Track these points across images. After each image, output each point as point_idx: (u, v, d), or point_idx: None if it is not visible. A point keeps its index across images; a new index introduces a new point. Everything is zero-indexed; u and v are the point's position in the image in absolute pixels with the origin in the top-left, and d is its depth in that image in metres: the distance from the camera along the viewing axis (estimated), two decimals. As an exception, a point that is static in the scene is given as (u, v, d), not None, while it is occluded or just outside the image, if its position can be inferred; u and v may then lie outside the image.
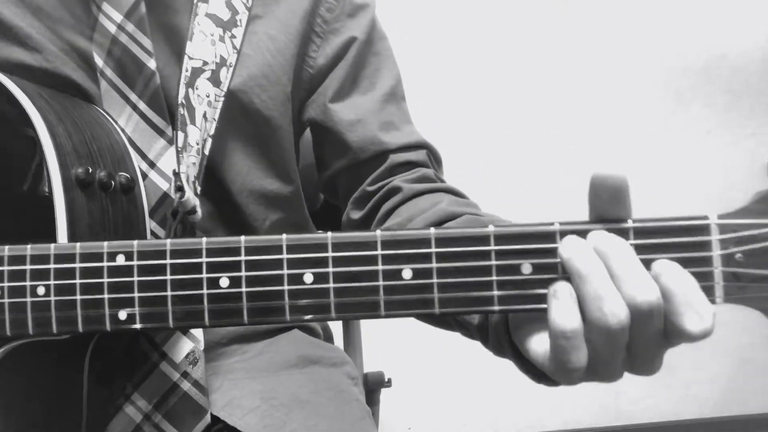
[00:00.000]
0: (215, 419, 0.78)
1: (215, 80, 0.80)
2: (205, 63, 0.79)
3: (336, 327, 1.12)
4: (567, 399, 2.32)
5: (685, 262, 0.50)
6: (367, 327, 1.25)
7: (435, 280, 0.52)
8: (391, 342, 1.95)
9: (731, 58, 2.40)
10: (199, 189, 0.77)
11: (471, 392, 2.30)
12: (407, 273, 0.52)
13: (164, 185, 0.75)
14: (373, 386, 1.21)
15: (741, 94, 2.41)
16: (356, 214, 0.89)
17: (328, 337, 1.04)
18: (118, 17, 0.76)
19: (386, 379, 1.22)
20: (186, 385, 0.75)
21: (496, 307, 0.52)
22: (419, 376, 2.22)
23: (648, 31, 2.35)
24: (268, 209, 0.89)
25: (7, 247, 0.59)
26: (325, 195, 1.01)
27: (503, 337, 0.59)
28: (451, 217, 0.76)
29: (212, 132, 0.79)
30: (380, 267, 0.53)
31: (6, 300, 0.58)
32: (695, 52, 2.38)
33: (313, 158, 0.97)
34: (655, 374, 0.52)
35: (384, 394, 1.23)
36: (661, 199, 1.64)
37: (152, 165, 0.75)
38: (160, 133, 0.76)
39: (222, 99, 0.80)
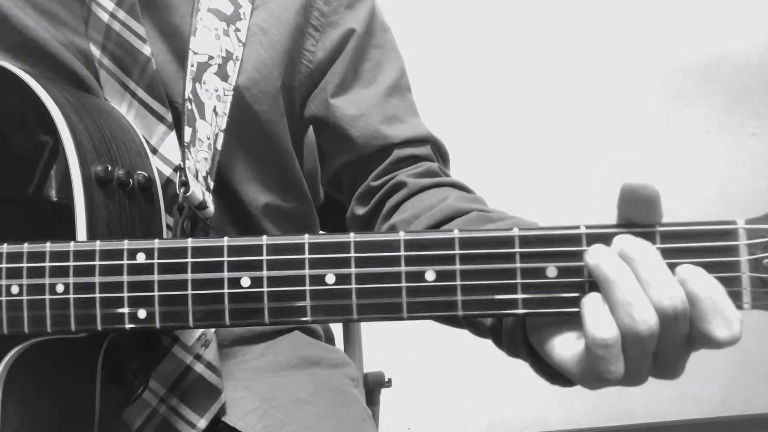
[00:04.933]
0: (215, 419, 0.77)
1: (223, 74, 0.79)
2: (211, 57, 0.79)
3: (336, 327, 1.12)
4: (567, 399, 2.32)
5: (712, 267, 0.49)
6: (367, 327, 1.25)
7: (458, 283, 0.52)
8: (391, 342, 1.95)
9: (731, 58, 2.40)
10: (212, 184, 0.77)
11: (471, 392, 2.30)
12: (430, 275, 0.52)
13: (167, 171, 0.75)
14: (373, 386, 1.20)
15: (741, 94, 2.42)
16: (361, 210, 0.88)
17: (329, 339, 1.04)
18: (110, 5, 0.76)
19: (386, 379, 1.22)
20: (200, 367, 0.75)
21: (521, 311, 0.51)
22: (419, 376, 2.22)
23: (649, 31, 2.35)
24: (276, 218, 0.90)
25: (26, 244, 0.59)
26: (330, 191, 1.00)
27: (520, 339, 0.59)
28: (459, 213, 0.75)
29: (224, 126, 0.79)
30: (403, 268, 0.52)
31: (24, 297, 0.58)
32: (696, 52, 2.39)
33: (316, 161, 0.97)
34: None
35: (384, 394, 1.23)
36: (661, 199, 1.63)
37: (154, 151, 0.75)
38: (160, 119, 0.76)
39: (231, 93, 0.80)
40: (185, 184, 0.73)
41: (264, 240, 0.55)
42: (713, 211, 2.37)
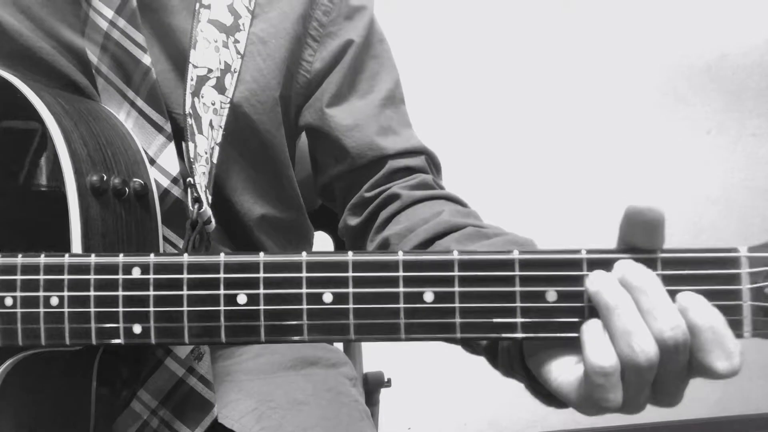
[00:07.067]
0: (212, 421, 0.77)
1: (220, 87, 0.79)
2: (210, 70, 0.78)
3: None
4: (566, 398, 2.32)
5: (713, 295, 0.49)
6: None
7: (457, 305, 0.51)
8: (391, 342, 1.95)
9: (732, 58, 2.39)
10: (210, 199, 0.76)
11: (471, 392, 2.30)
12: (429, 296, 0.52)
13: (165, 182, 0.74)
14: (373, 386, 1.20)
15: (741, 94, 2.41)
16: (353, 221, 0.88)
17: (328, 338, 1.03)
18: (109, 13, 0.75)
19: (386, 379, 1.21)
20: (192, 381, 0.75)
21: (520, 335, 0.51)
22: (419, 376, 2.21)
23: (648, 31, 2.34)
24: (270, 230, 0.90)
25: (20, 256, 0.58)
26: (322, 200, 0.99)
27: (516, 361, 0.58)
28: (454, 228, 0.75)
29: (219, 140, 0.79)
30: (401, 289, 0.52)
31: (18, 310, 0.58)
32: (696, 52, 2.38)
33: (310, 168, 0.96)
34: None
35: (384, 394, 1.22)
36: (661, 199, 1.62)
37: (152, 162, 0.74)
38: (159, 129, 0.75)
39: (227, 106, 0.79)
40: (198, 200, 0.73)
41: (261, 257, 0.54)
42: (713, 211, 2.38)
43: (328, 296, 0.53)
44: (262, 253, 0.54)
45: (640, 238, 0.50)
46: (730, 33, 2.38)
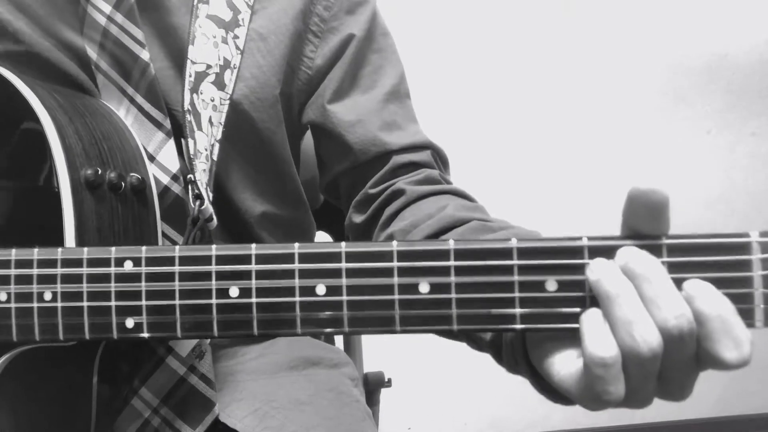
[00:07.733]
0: (215, 421, 0.77)
1: (219, 83, 0.78)
2: (209, 66, 0.77)
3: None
4: (568, 398, 2.32)
5: (722, 283, 0.46)
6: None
7: (453, 295, 0.50)
8: (391, 342, 1.94)
9: (732, 58, 2.38)
10: (211, 196, 0.75)
11: (471, 392, 2.29)
12: (424, 287, 0.50)
13: (164, 179, 0.73)
14: (373, 386, 1.19)
15: (741, 94, 2.40)
16: (358, 218, 0.87)
17: (329, 338, 1.02)
18: (107, 8, 0.74)
19: (386, 379, 1.21)
20: (193, 379, 0.74)
21: (519, 326, 0.49)
22: (419, 376, 2.21)
23: (649, 30, 2.33)
24: (271, 227, 0.89)
25: (13, 250, 0.57)
26: (327, 197, 0.98)
27: (519, 355, 0.57)
28: (459, 223, 0.74)
29: (219, 136, 0.78)
30: (396, 280, 0.50)
31: (12, 305, 0.57)
32: (696, 51, 2.36)
33: (315, 167, 0.95)
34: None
35: (384, 394, 1.22)
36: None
37: (152, 158, 0.74)
38: (159, 125, 0.74)
39: (227, 102, 0.79)
40: (199, 197, 0.72)
41: (253, 249, 0.53)
42: (713, 211, 2.37)
43: (321, 288, 0.52)
44: (253, 245, 0.53)
45: (644, 222, 0.48)
46: (730, 33, 2.37)
